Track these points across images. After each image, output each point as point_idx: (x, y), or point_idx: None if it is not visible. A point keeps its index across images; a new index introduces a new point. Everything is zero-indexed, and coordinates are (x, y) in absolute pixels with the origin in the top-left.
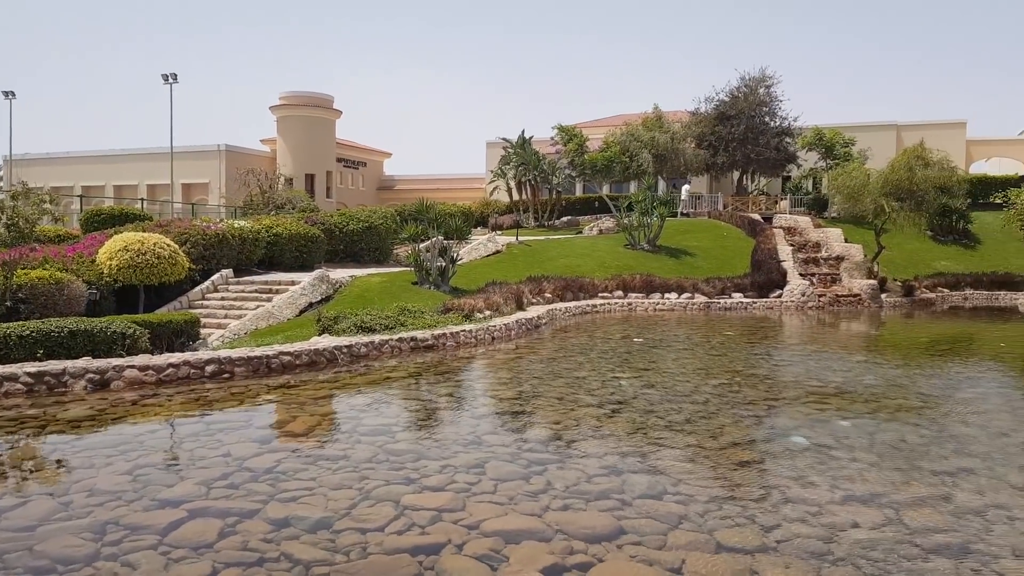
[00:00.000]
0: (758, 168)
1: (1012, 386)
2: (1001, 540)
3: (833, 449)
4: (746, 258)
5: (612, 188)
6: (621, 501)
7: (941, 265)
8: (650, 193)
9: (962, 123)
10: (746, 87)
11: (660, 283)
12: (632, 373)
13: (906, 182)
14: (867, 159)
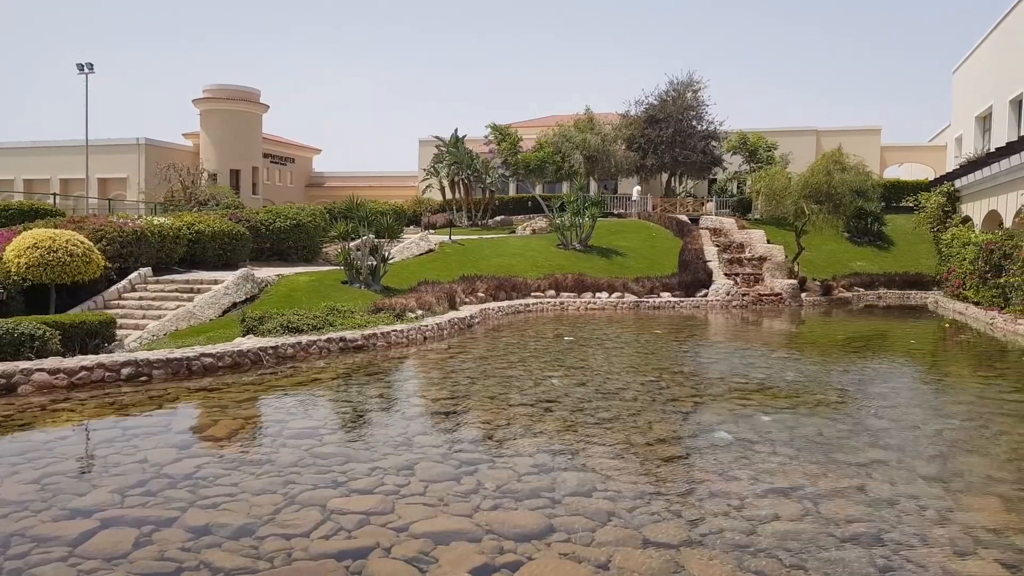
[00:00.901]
0: (686, 170)
1: (922, 381)
2: (911, 528)
3: (755, 443)
4: (674, 258)
5: (545, 188)
6: (551, 499)
7: (857, 265)
8: (582, 194)
9: (877, 130)
10: (674, 91)
11: (591, 282)
12: (563, 371)
13: (825, 186)
14: (788, 163)
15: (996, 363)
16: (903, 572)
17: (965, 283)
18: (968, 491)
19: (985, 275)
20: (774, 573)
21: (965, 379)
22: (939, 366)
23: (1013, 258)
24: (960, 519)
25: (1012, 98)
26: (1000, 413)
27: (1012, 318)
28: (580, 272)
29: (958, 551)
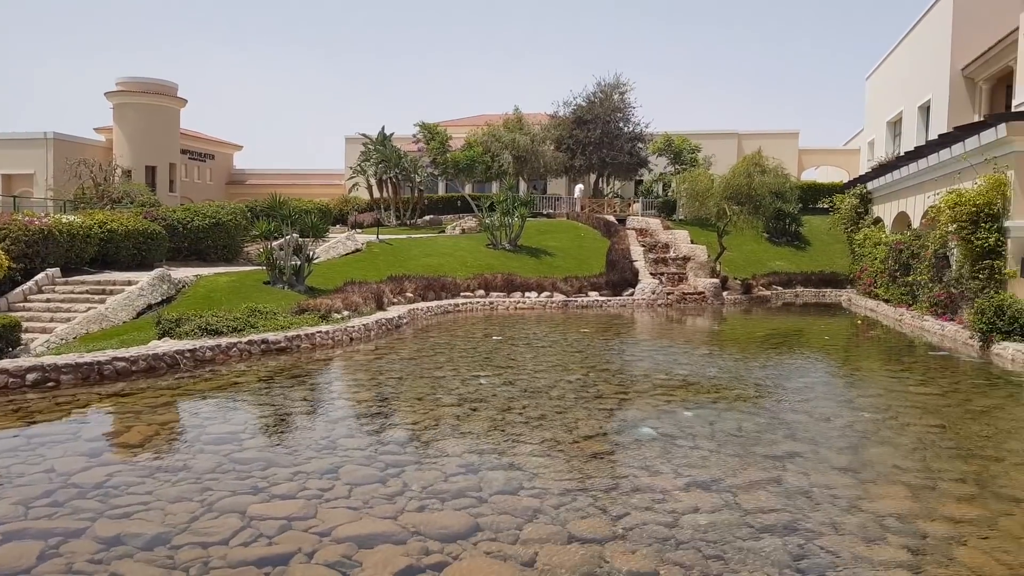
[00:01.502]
0: (613, 171)
1: (835, 375)
2: (824, 517)
3: (678, 438)
4: (602, 258)
5: (475, 188)
6: (478, 499)
7: (776, 265)
8: (511, 193)
9: (795, 133)
10: (602, 93)
11: (521, 282)
12: (492, 371)
13: (745, 187)
14: (711, 165)
15: (904, 358)
16: (816, 559)
17: (876, 281)
18: (877, 480)
19: (895, 274)
20: (694, 564)
21: (875, 373)
22: (851, 361)
23: (920, 258)
24: (869, 507)
25: (921, 104)
26: (907, 405)
27: (919, 315)
28: (510, 272)
29: (867, 538)
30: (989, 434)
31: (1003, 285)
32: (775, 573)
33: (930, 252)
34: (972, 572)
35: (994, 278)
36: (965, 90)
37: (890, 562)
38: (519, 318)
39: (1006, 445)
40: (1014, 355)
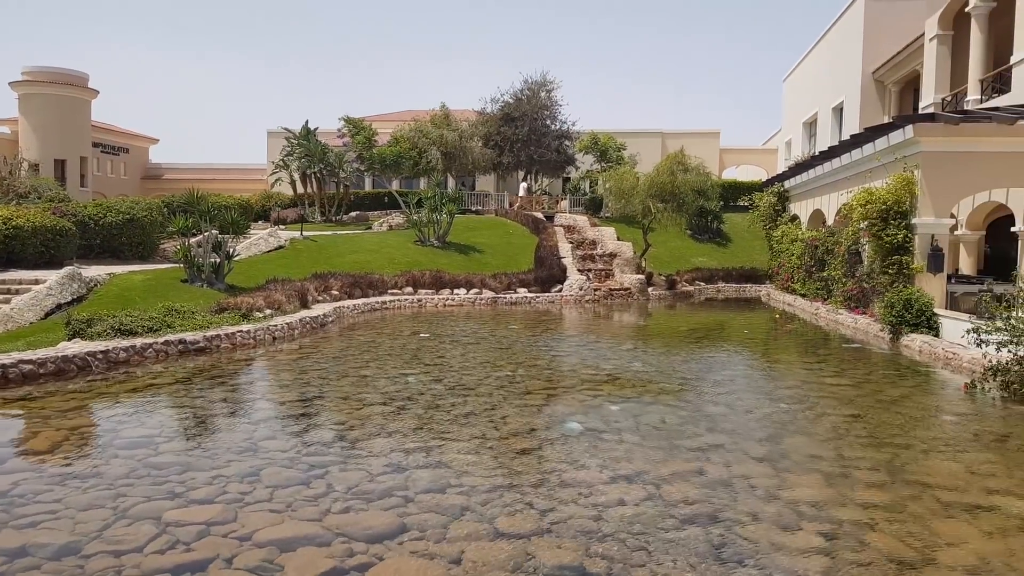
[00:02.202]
0: (541, 169)
1: (755, 368)
2: (744, 507)
3: (604, 433)
4: (530, 255)
5: (402, 184)
6: (405, 498)
7: (699, 261)
8: (439, 190)
9: (716, 133)
10: (529, 90)
11: (449, 279)
12: (420, 369)
13: (669, 185)
14: (636, 163)
15: (819, 350)
16: (735, 548)
17: (793, 277)
18: (793, 469)
19: (810, 269)
20: (619, 556)
21: (792, 365)
22: (770, 354)
23: (834, 254)
24: (786, 496)
25: (834, 106)
26: (822, 396)
27: (833, 308)
28: (438, 269)
29: (784, 525)
30: (899, 423)
31: (911, 280)
32: (697, 563)
33: (843, 248)
34: (882, 555)
35: (902, 273)
36: (875, 93)
37: (805, 548)
38: (448, 315)
39: (914, 433)
40: (921, 347)
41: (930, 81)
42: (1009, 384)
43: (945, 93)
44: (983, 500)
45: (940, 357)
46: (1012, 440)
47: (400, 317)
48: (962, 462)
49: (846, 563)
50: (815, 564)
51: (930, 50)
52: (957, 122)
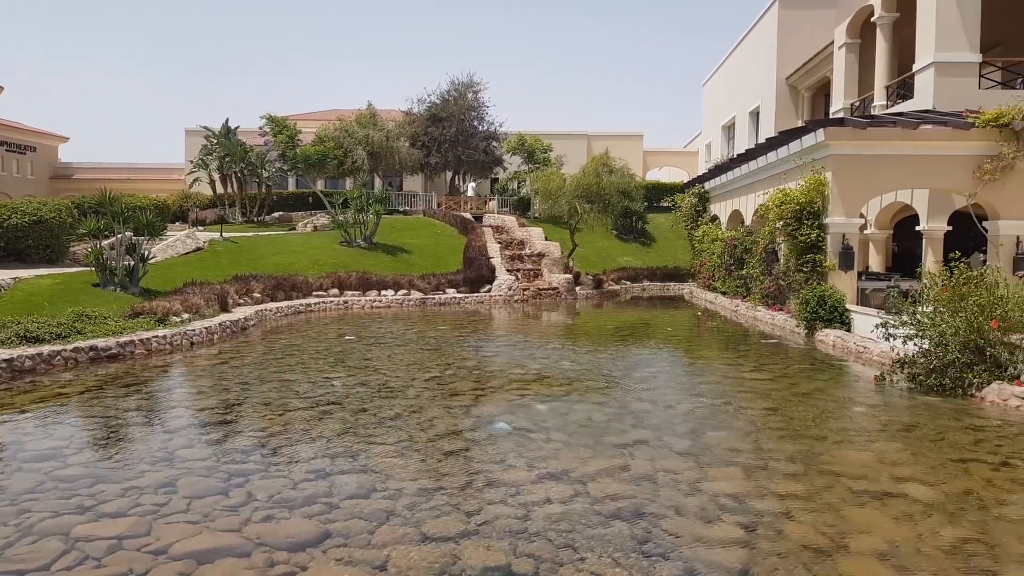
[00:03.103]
0: (469, 169)
1: (677, 363)
2: (667, 501)
3: (532, 432)
4: (459, 255)
5: (327, 184)
6: (329, 504)
7: (624, 260)
8: (366, 190)
9: (640, 135)
10: (456, 91)
11: (377, 280)
12: (346, 372)
13: (594, 186)
14: (563, 165)
15: (739, 346)
16: (659, 542)
17: (714, 275)
18: (715, 463)
19: (730, 268)
20: (545, 555)
21: (714, 361)
22: (692, 350)
23: (752, 252)
24: (708, 489)
25: (751, 110)
26: (742, 391)
27: (752, 306)
28: (365, 270)
29: (706, 518)
30: (813, 415)
31: (824, 277)
32: (621, 557)
33: (760, 247)
34: (797, 544)
35: (816, 271)
36: (789, 98)
37: (726, 540)
38: (375, 317)
39: (828, 424)
40: (834, 341)
41: (839, 87)
42: (915, 376)
43: (854, 99)
44: (892, 487)
45: (852, 351)
46: (918, 429)
47: (325, 320)
48: (872, 451)
49: (764, 553)
50: (735, 555)
51: (839, 58)
52: (864, 126)
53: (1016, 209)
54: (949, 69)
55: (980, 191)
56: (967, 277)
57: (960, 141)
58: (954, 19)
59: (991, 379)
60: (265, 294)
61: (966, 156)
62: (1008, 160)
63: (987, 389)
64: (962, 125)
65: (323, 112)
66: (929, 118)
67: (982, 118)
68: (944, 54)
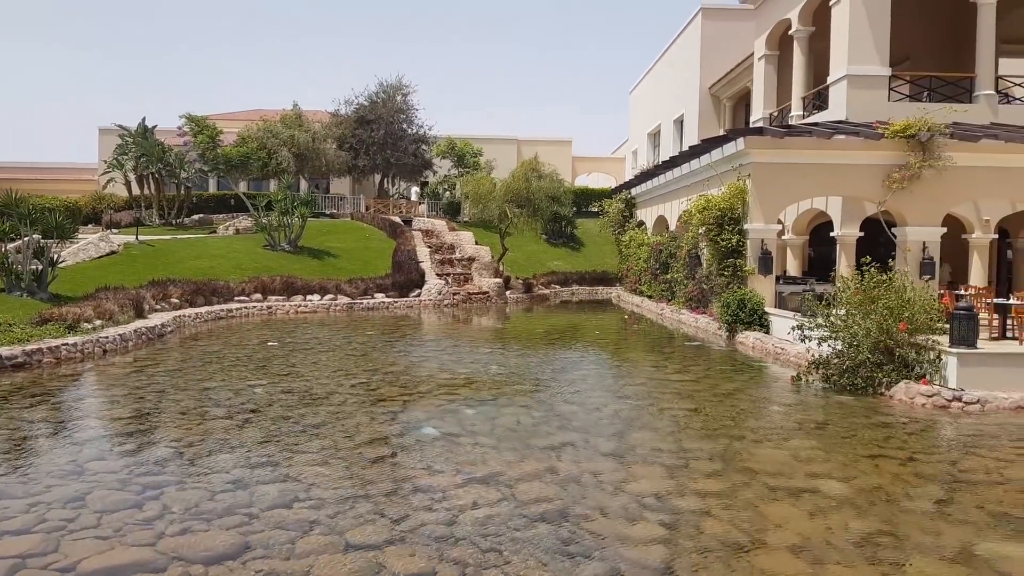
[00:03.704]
0: (398, 172)
1: (605, 366)
2: (592, 501)
3: (459, 436)
4: (388, 259)
5: (250, 186)
6: (248, 515)
7: (554, 265)
8: (291, 192)
9: (568, 141)
10: (384, 93)
11: (302, 285)
12: (268, 379)
13: (524, 191)
14: (493, 169)
15: (664, 348)
16: (583, 542)
17: (641, 279)
18: (639, 463)
19: (656, 272)
20: (471, 560)
21: (639, 363)
22: (619, 353)
23: (676, 257)
24: (631, 489)
25: (676, 118)
26: (666, 392)
27: (677, 309)
28: (290, 274)
29: (629, 517)
30: (733, 414)
31: (744, 281)
32: (547, 560)
33: (684, 252)
34: (716, 540)
35: (737, 275)
36: (712, 107)
37: (648, 538)
38: (300, 322)
39: (746, 424)
40: (754, 343)
41: (759, 97)
42: (829, 376)
43: (772, 109)
44: (806, 484)
45: (771, 352)
46: (831, 427)
47: (248, 325)
48: (787, 449)
49: (685, 550)
50: (656, 553)
51: (759, 69)
52: (782, 136)
53: (922, 216)
54: (861, 82)
55: (889, 199)
56: (877, 281)
57: (871, 151)
58: (865, 34)
59: (899, 378)
60: (184, 299)
61: (876, 165)
62: (915, 169)
63: (895, 388)
64: (872, 136)
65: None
66: (842, 128)
67: (891, 129)
68: (856, 67)
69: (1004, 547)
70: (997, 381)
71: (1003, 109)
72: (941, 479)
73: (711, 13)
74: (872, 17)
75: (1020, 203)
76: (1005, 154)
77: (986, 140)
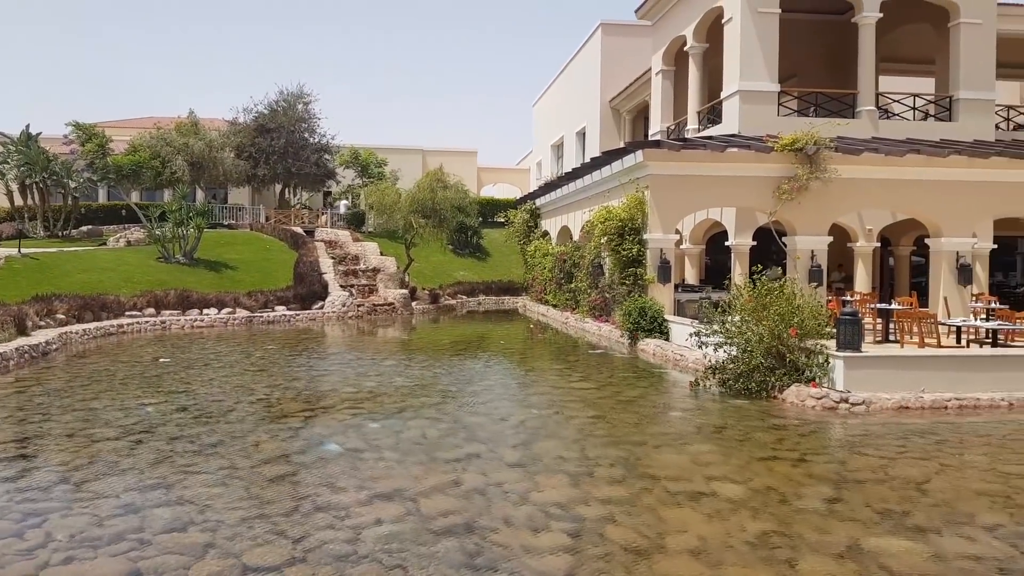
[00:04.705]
0: (300, 182)
1: (510, 376)
2: (497, 513)
3: (364, 452)
4: (289, 271)
5: (143, 196)
6: (140, 541)
7: (460, 275)
8: (186, 202)
9: (474, 152)
10: (285, 102)
11: (199, 298)
12: (161, 398)
13: (430, 201)
14: (398, 179)
15: (568, 357)
16: (489, 554)
17: (546, 289)
18: (543, 472)
19: (560, 282)
20: None
21: (545, 372)
22: (524, 363)
23: (580, 267)
24: (536, 498)
25: (578, 130)
26: (570, 400)
27: (581, 318)
28: (185, 288)
29: (534, 527)
30: (634, 421)
31: (645, 290)
32: (452, 573)
33: (587, 262)
34: (619, 547)
35: (638, 284)
36: (612, 120)
37: (553, 547)
38: (196, 337)
39: (648, 429)
40: (654, 350)
41: (657, 111)
42: (725, 380)
43: (670, 122)
44: (704, 487)
45: (670, 359)
46: (727, 431)
47: (140, 342)
48: (687, 454)
49: (589, 558)
50: (561, 562)
51: (656, 84)
52: (678, 148)
53: (810, 226)
54: (752, 97)
55: (779, 209)
56: (768, 288)
57: (762, 163)
58: (756, 52)
59: (791, 382)
60: (71, 315)
61: (767, 177)
62: (803, 181)
63: (787, 391)
64: (763, 149)
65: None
66: (735, 142)
67: (780, 143)
68: (748, 83)
69: (889, 542)
70: (881, 383)
71: (883, 124)
72: (830, 478)
73: (611, 28)
74: (762, 35)
75: (900, 213)
76: (885, 166)
77: (868, 153)
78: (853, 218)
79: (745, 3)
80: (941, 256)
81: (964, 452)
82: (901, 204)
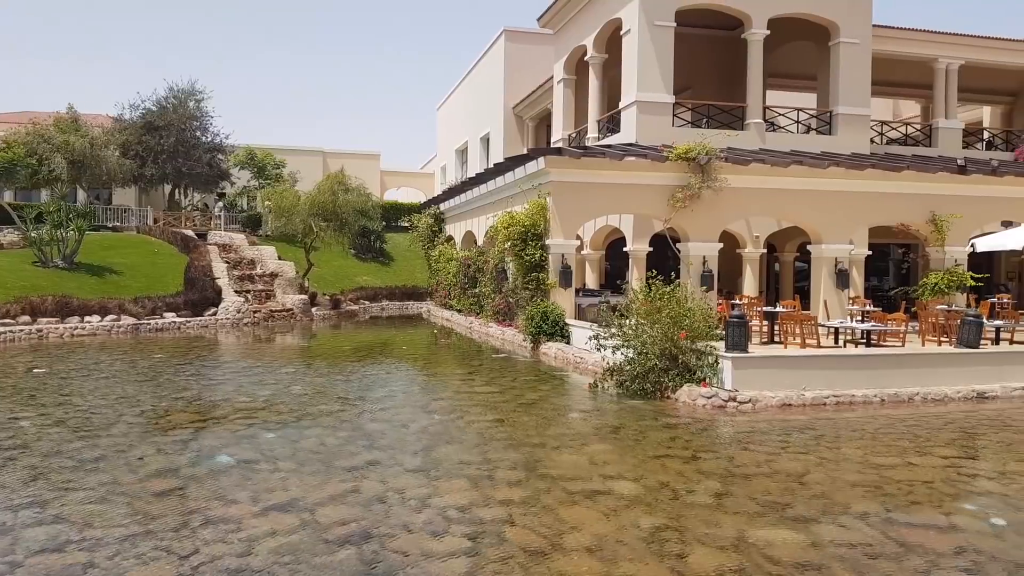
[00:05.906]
0: (191, 183)
1: (413, 382)
2: (396, 519)
3: (258, 463)
4: (180, 276)
5: (17, 196)
6: (11, 563)
7: (363, 280)
8: (66, 203)
9: (377, 155)
10: (175, 99)
11: (79, 305)
12: (36, 411)
13: (331, 204)
14: (297, 181)
15: (472, 361)
16: (389, 562)
17: (450, 294)
18: (444, 476)
19: (465, 287)
20: None
21: (448, 378)
22: (428, 368)
23: (484, 272)
24: (436, 503)
25: (482, 136)
26: (472, 404)
27: (485, 323)
28: (64, 294)
29: (434, 532)
30: (535, 423)
31: (547, 294)
32: None
33: (491, 267)
34: (518, 548)
35: (540, 288)
36: (516, 126)
37: (453, 551)
38: (77, 346)
39: (548, 431)
40: (556, 353)
41: (559, 119)
42: (623, 382)
43: (571, 130)
44: (601, 486)
45: (571, 362)
46: (624, 431)
47: (13, 351)
48: (585, 454)
49: (487, 560)
50: (460, 565)
51: (558, 92)
52: (579, 156)
53: (702, 232)
54: (649, 107)
55: (674, 216)
56: (661, 292)
57: (657, 172)
58: (652, 64)
59: (683, 382)
60: None
61: (662, 185)
62: (695, 190)
63: (680, 391)
64: (658, 158)
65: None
66: (632, 150)
67: (674, 152)
68: (645, 94)
69: (772, 532)
70: (766, 382)
71: (770, 136)
72: (719, 474)
73: (514, 35)
74: (658, 48)
75: (785, 221)
76: (771, 176)
77: (755, 164)
78: (742, 225)
79: (643, 16)
80: (822, 262)
81: (840, 446)
82: (785, 212)
